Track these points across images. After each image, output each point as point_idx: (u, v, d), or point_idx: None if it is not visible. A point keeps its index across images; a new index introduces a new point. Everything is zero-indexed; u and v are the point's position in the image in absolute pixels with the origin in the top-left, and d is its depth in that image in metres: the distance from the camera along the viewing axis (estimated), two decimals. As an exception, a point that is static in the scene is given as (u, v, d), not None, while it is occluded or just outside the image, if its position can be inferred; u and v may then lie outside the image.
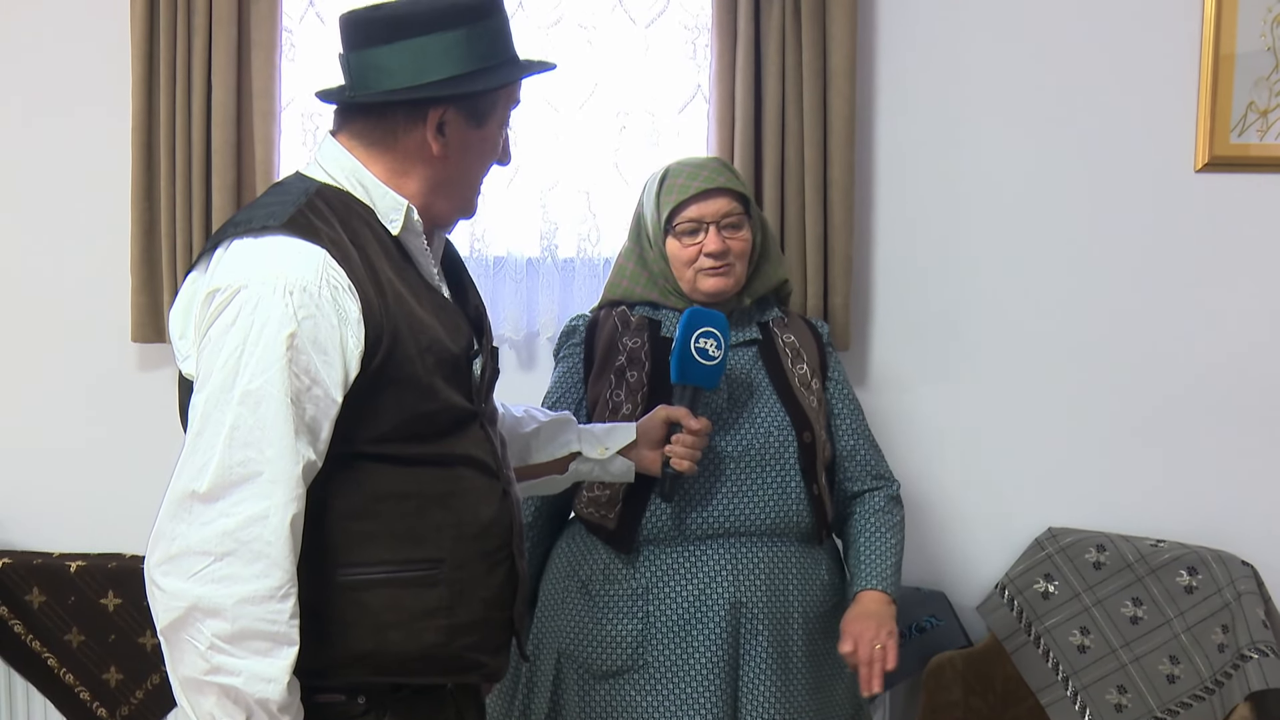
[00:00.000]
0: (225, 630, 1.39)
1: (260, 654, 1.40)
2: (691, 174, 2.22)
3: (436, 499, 1.56)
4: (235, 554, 1.39)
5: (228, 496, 1.40)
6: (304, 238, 1.48)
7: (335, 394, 1.46)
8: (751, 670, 2.13)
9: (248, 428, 1.41)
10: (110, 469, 2.91)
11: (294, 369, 1.43)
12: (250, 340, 1.42)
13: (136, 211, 2.76)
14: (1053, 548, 2.84)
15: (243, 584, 1.39)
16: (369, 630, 1.52)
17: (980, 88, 2.85)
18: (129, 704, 2.88)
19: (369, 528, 1.52)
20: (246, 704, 1.40)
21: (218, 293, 1.45)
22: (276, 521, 1.41)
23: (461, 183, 1.65)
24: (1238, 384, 2.89)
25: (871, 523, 2.28)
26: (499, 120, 1.64)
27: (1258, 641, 2.56)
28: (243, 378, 1.42)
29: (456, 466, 1.59)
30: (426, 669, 1.58)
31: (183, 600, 1.39)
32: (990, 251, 2.90)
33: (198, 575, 1.38)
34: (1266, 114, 2.80)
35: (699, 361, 2.04)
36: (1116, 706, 2.76)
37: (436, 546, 1.56)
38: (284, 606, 1.41)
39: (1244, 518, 2.87)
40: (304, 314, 1.43)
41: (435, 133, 1.59)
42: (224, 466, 1.40)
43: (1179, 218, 2.85)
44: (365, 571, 1.52)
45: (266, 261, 1.46)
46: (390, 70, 1.55)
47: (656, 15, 2.83)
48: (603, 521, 2.17)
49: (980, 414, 2.93)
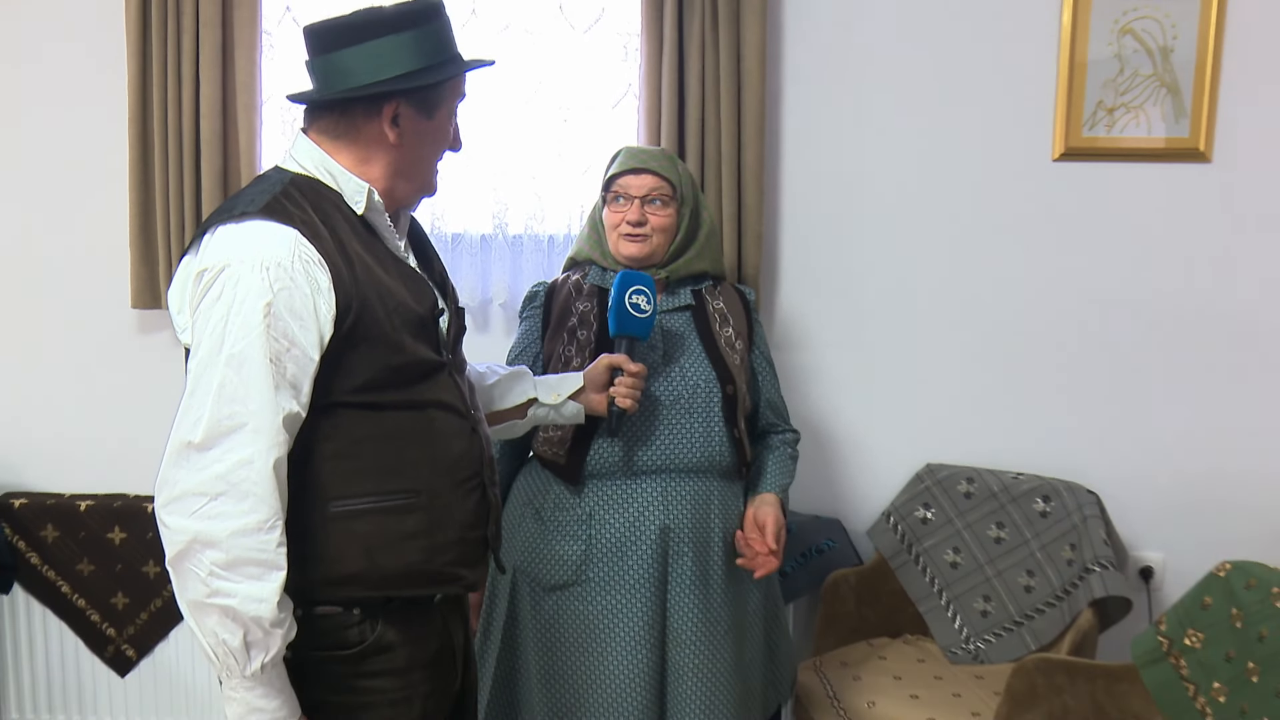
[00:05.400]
0: (222, 559, 1.42)
1: (253, 578, 1.43)
2: (632, 155, 2.25)
3: (411, 438, 1.58)
4: (227, 494, 1.42)
5: (218, 445, 1.43)
6: (278, 220, 1.50)
7: (312, 353, 1.48)
8: (677, 585, 2.16)
9: (233, 385, 1.44)
10: (114, 419, 2.96)
11: (272, 333, 1.45)
12: (233, 311, 1.45)
13: (134, 195, 2.79)
14: (930, 481, 2.91)
15: (234, 519, 1.42)
16: (359, 553, 1.54)
17: (873, 86, 2.89)
18: (134, 624, 2.91)
19: (354, 466, 1.54)
20: (243, 621, 1.43)
21: (205, 272, 1.48)
22: (261, 465, 1.43)
23: (418, 167, 1.65)
24: (1084, 341, 2.95)
25: (775, 453, 2.35)
26: (448, 111, 1.65)
27: (1099, 557, 2.67)
28: (228, 343, 1.45)
29: (428, 409, 1.61)
30: (412, 583, 1.60)
31: (184, 535, 1.43)
32: (880, 228, 2.94)
33: (196, 513, 1.42)
34: (1112, 111, 2.84)
35: (633, 315, 2.08)
36: (982, 613, 2.81)
37: (414, 478, 1.58)
38: (271, 537, 1.44)
39: (1089, 453, 2.95)
40: (279, 286, 1.46)
41: (390, 124, 1.60)
42: (214, 420, 1.43)
43: (1039, 198, 2.90)
44: (353, 503, 1.54)
45: (245, 243, 1.48)
46: (350, 71, 1.57)
47: (593, 22, 2.83)
48: (555, 458, 2.20)
49: (871, 367, 2.99)
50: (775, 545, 2.14)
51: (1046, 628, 2.74)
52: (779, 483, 2.29)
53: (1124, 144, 2.86)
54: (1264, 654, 2.14)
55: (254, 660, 1.45)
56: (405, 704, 1.61)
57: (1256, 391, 2.95)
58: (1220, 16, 2.80)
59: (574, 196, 2.90)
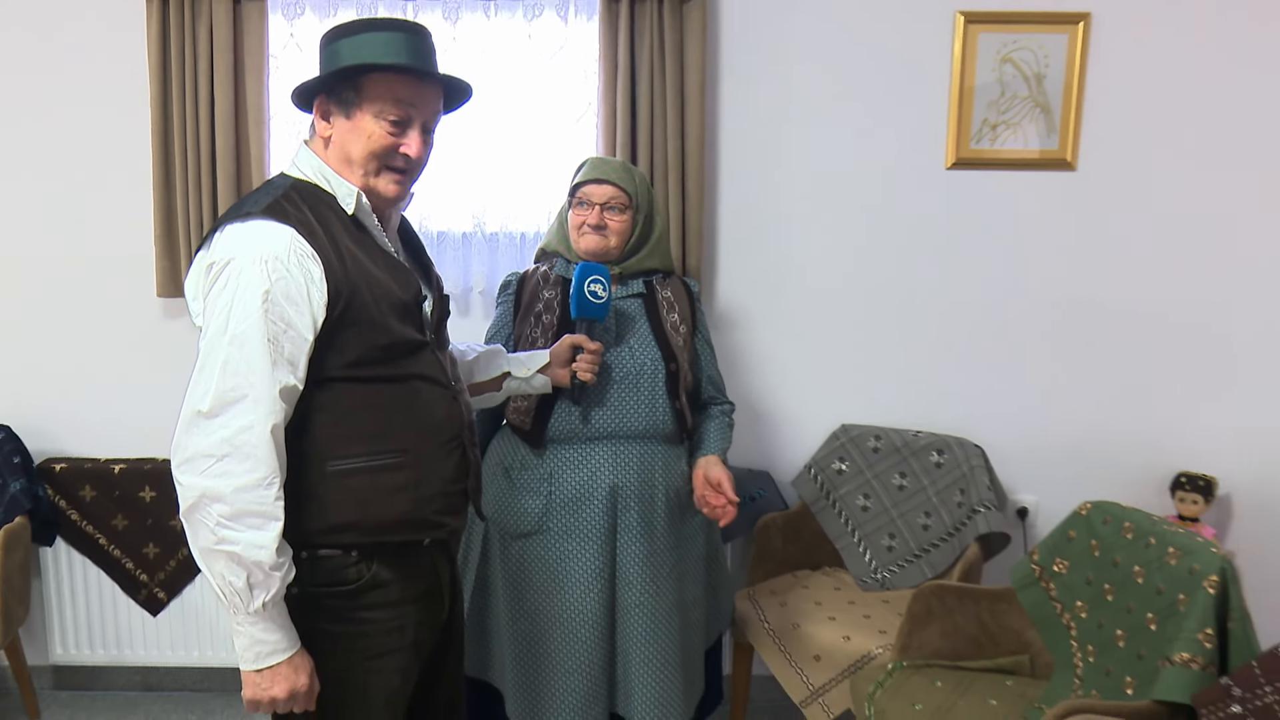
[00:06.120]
0: (227, 511, 1.43)
1: (254, 528, 1.44)
2: (595, 166, 2.23)
3: (398, 406, 1.58)
4: (231, 455, 1.43)
5: (224, 414, 1.43)
6: (278, 220, 1.49)
7: (307, 334, 1.48)
8: (625, 534, 2.17)
9: (236, 362, 1.44)
10: (142, 393, 2.95)
11: (270, 317, 1.45)
12: (236, 298, 1.45)
13: (158, 196, 2.78)
14: (844, 438, 2.92)
15: (238, 477, 1.43)
16: (354, 504, 1.54)
17: (797, 107, 2.89)
18: (164, 570, 2.93)
19: (347, 431, 1.54)
20: (246, 565, 1.44)
21: (214, 265, 1.48)
22: (260, 430, 1.44)
23: (352, 163, 1.58)
24: (973, 319, 2.97)
25: (715, 421, 2.34)
26: (372, 114, 1.56)
27: (984, 500, 2.72)
28: (231, 325, 1.45)
29: (411, 381, 1.60)
30: (401, 530, 1.59)
31: (195, 491, 1.43)
32: (804, 226, 2.94)
33: (205, 472, 1.43)
34: (995, 128, 2.86)
35: (590, 301, 2.09)
36: (888, 548, 2.83)
37: (401, 441, 1.57)
38: (269, 493, 1.45)
39: (976, 414, 3.00)
40: (276, 276, 1.46)
41: (321, 118, 1.60)
42: (220, 391, 1.44)
43: (935, 200, 2.92)
44: (348, 463, 1.54)
45: (249, 240, 1.48)
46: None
47: (557, 49, 2.82)
48: (521, 425, 2.20)
49: (795, 343, 2.99)
50: (735, 496, 2.14)
51: (941, 559, 2.76)
52: (720, 446, 2.29)
53: (1005, 155, 2.88)
54: (1117, 577, 2.18)
55: (256, 599, 1.45)
56: (399, 632, 1.61)
57: (1111, 360, 2.98)
58: (1084, 49, 2.82)
59: (542, 199, 2.89)
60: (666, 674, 2.17)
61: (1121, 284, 2.96)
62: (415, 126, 1.59)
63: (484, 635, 2.27)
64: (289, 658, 1.50)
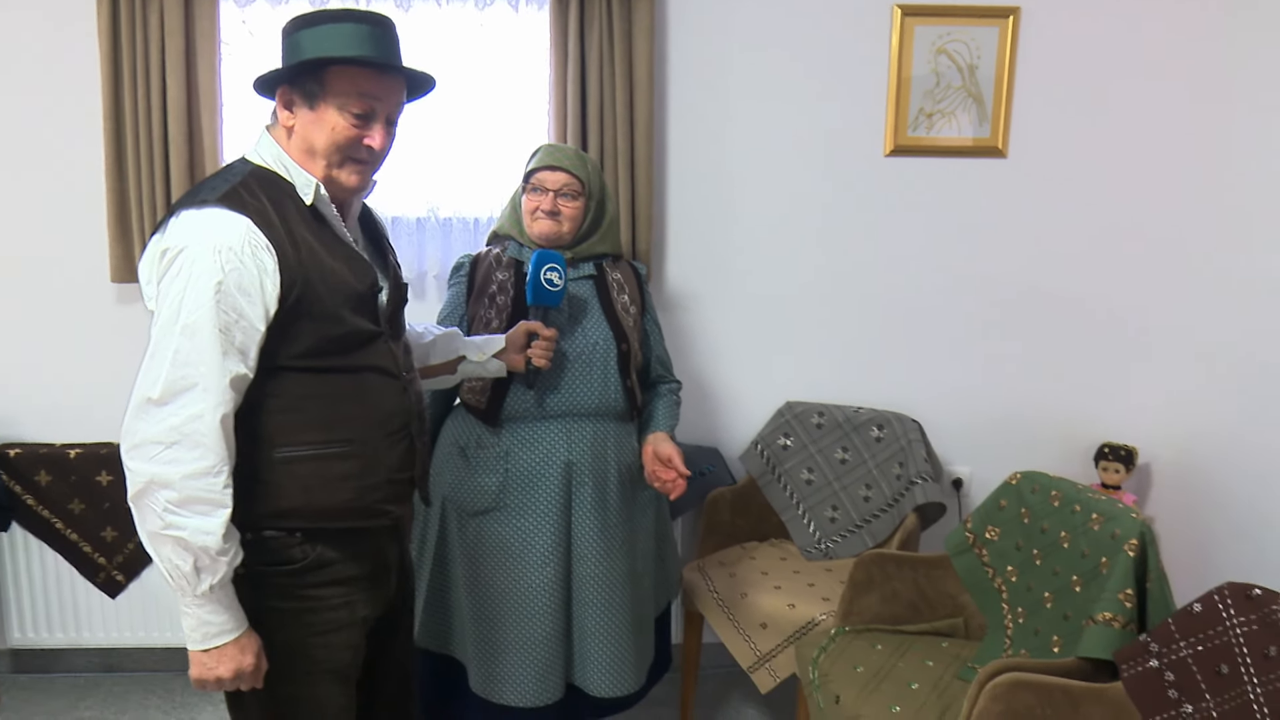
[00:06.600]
0: (174, 497, 1.43)
1: (201, 514, 1.44)
2: (549, 153, 2.22)
3: (347, 396, 1.57)
4: (180, 443, 1.42)
5: (173, 401, 1.43)
6: (233, 209, 1.47)
7: (259, 324, 1.47)
8: (579, 509, 2.17)
9: (186, 351, 1.43)
10: (97, 378, 2.90)
11: (222, 308, 1.43)
12: (189, 287, 1.43)
13: (111, 184, 2.74)
14: (789, 415, 2.93)
15: (186, 464, 1.42)
16: (300, 491, 1.54)
17: (742, 96, 2.90)
18: (123, 553, 2.90)
19: (296, 419, 1.53)
20: (193, 550, 1.44)
21: (168, 251, 1.46)
22: (210, 419, 1.43)
23: (315, 153, 1.56)
24: (911, 300, 3.01)
25: (663, 399, 2.36)
26: (336, 106, 1.54)
27: (921, 472, 2.75)
28: (183, 314, 1.43)
29: (362, 372, 1.59)
30: (345, 516, 1.59)
31: (143, 477, 1.43)
32: (748, 211, 2.96)
33: (154, 459, 1.42)
34: (931, 116, 2.89)
35: (546, 289, 2.09)
36: (831, 519, 2.84)
37: (348, 430, 1.57)
38: (218, 480, 1.44)
39: (914, 390, 3.04)
40: (230, 267, 1.44)
41: (284, 107, 1.57)
42: (170, 380, 1.42)
43: (874, 186, 2.96)
44: (295, 450, 1.53)
45: (203, 228, 1.46)
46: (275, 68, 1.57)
47: (509, 39, 2.82)
48: (477, 404, 2.19)
49: (742, 323, 3.01)
50: (686, 470, 2.15)
51: (881, 529, 2.78)
52: (668, 424, 2.31)
53: (940, 143, 2.91)
54: (1045, 542, 2.22)
55: (203, 582, 1.45)
56: (345, 608, 1.61)
57: (1040, 338, 3.03)
58: (1014, 41, 2.87)
59: (495, 185, 2.88)
60: (620, 643, 2.19)
61: (1049, 267, 3.02)
62: (379, 119, 1.57)
63: (445, 610, 2.27)
64: (235, 638, 1.50)
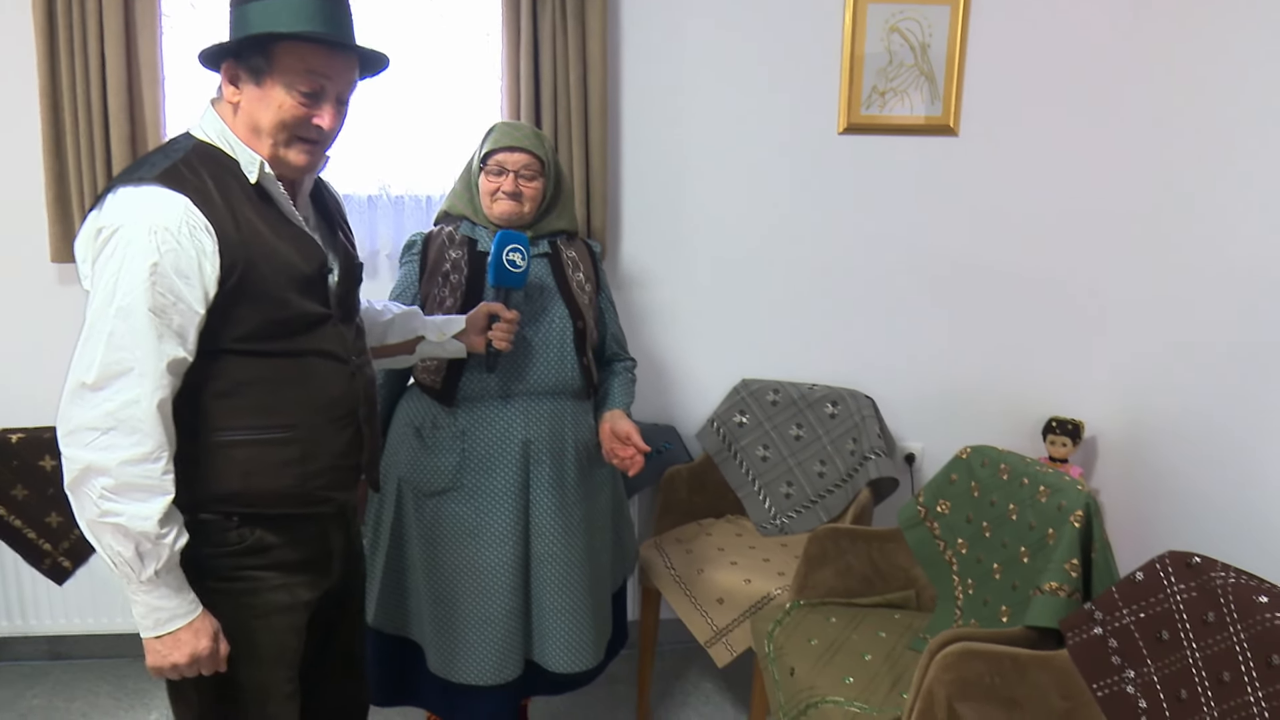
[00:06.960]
0: (110, 484, 1.39)
1: (139, 501, 1.41)
2: (506, 131, 2.19)
3: (290, 381, 1.54)
4: (116, 429, 1.39)
5: (109, 386, 1.39)
6: (172, 188, 1.43)
7: (198, 307, 1.43)
8: (537, 488, 2.17)
9: (121, 334, 1.39)
10: (38, 360, 2.84)
11: (157, 289, 1.39)
12: (124, 268, 1.39)
13: (48, 162, 2.67)
14: (745, 392, 2.96)
15: (123, 450, 1.39)
16: (238, 475, 1.51)
17: (695, 73, 2.90)
18: (68, 539, 2.85)
19: (236, 403, 1.50)
20: (133, 536, 1.41)
21: (103, 230, 1.41)
22: (146, 404, 1.40)
23: (261, 132, 1.52)
24: (862, 277, 3.03)
25: (619, 377, 2.36)
26: (283, 84, 1.49)
27: (875, 448, 2.78)
28: (118, 296, 1.39)
29: (307, 356, 1.56)
30: (284, 503, 1.56)
31: (79, 464, 1.39)
32: (702, 189, 2.96)
33: (89, 445, 1.39)
34: (884, 94, 2.90)
35: (509, 270, 2.07)
36: (786, 495, 2.87)
37: (289, 415, 1.54)
38: (155, 467, 1.41)
39: (868, 367, 3.06)
40: (166, 248, 1.40)
41: (229, 83, 1.52)
42: (105, 364, 1.38)
43: (827, 163, 2.96)
44: (234, 434, 1.50)
45: (140, 207, 1.41)
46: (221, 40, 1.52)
47: (459, 14, 2.79)
48: (432, 384, 2.18)
49: (696, 301, 3.02)
50: (645, 446, 2.16)
51: (835, 504, 2.81)
52: (624, 401, 2.32)
53: (893, 121, 2.92)
54: (994, 515, 2.25)
55: (147, 568, 1.43)
56: (285, 590, 1.59)
57: (990, 315, 3.07)
58: (965, 21, 2.88)
59: (447, 162, 2.86)
60: (579, 621, 2.20)
61: (999, 244, 3.05)
62: (329, 97, 1.51)
63: (401, 592, 2.27)
64: (189, 623, 1.48)
